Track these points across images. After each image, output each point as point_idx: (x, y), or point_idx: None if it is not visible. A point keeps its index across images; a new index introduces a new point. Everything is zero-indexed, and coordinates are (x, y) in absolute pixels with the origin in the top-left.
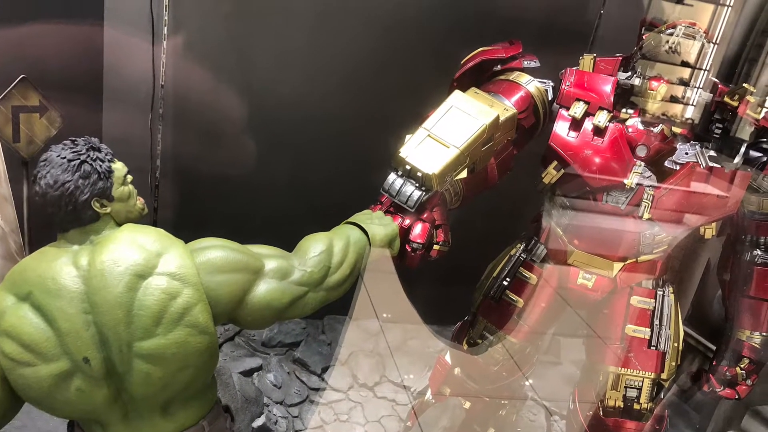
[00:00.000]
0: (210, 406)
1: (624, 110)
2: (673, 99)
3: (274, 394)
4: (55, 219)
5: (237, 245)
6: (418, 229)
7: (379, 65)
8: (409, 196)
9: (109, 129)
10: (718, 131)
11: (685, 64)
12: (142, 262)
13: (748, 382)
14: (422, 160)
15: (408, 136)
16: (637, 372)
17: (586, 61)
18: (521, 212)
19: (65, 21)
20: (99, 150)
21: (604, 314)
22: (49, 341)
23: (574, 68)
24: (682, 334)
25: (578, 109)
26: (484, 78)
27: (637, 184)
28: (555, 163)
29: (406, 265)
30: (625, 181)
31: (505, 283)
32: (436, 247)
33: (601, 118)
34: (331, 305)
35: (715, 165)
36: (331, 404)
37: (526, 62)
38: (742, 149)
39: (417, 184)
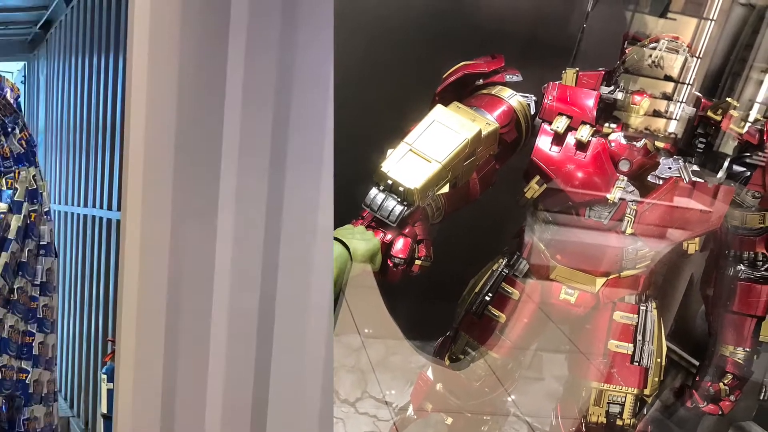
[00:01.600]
0: None
1: (607, 124)
2: (656, 113)
3: None
4: None
5: None
6: (399, 244)
7: (360, 79)
8: (391, 211)
9: None
10: (702, 146)
11: (668, 78)
12: None
13: (732, 397)
14: (404, 175)
15: (389, 151)
16: (620, 387)
17: (569, 75)
18: (503, 227)
19: None
20: None
21: (586, 329)
22: None
23: (557, 82)
24: (665, 349)
25: (561, 123)
26: (466, 92)
27: (620, 199)
28: (537, 177)
29: (388, 281)
30: (608, 195)
31: (487, 298)
32: (417, 262)
33: (584, 132)
34: None
35: (699, 180)
36: None
37: (508, 76)
38: (726, 164)
39: (399, 199)
